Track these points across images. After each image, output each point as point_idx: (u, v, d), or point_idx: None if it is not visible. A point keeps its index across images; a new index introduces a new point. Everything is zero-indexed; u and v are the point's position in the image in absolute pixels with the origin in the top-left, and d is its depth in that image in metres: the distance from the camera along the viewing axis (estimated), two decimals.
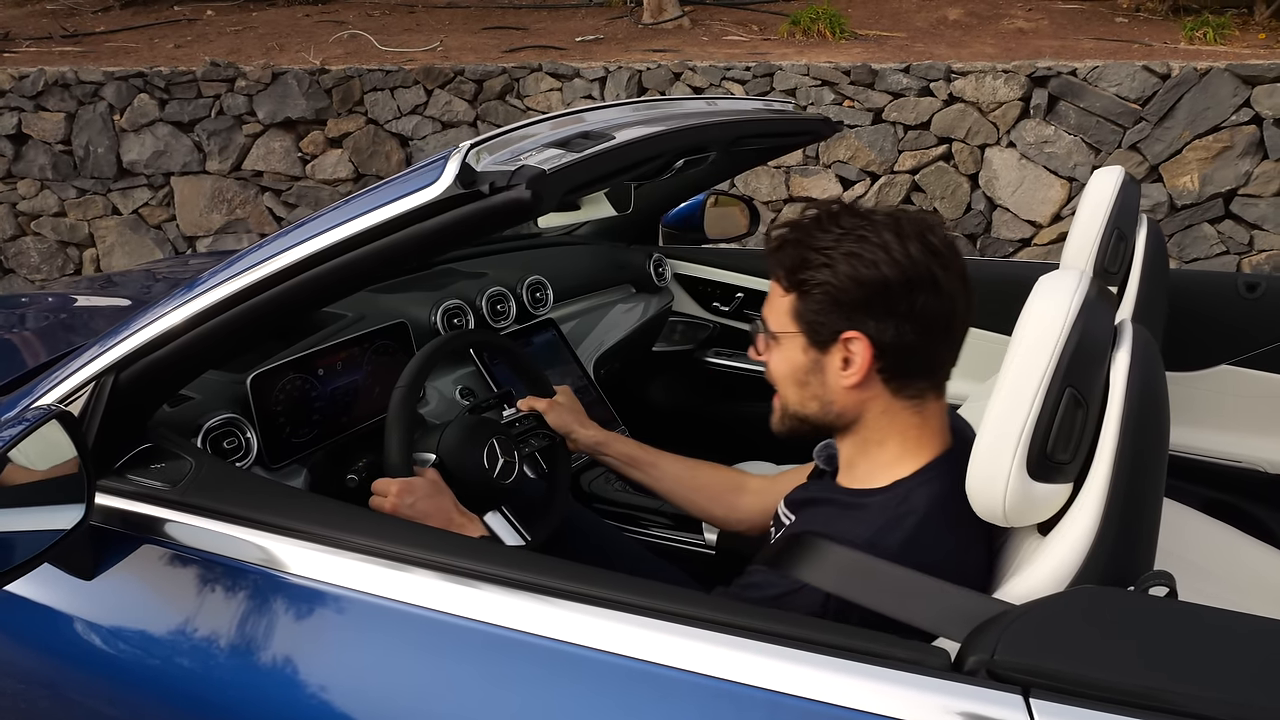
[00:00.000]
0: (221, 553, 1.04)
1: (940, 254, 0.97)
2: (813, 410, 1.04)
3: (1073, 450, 0.88)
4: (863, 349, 0.97)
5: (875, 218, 0.99)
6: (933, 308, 0.96)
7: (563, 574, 0.90)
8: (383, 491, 1.21)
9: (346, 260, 0.99)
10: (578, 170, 1.07)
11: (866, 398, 1.01)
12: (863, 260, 0.95)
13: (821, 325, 0.99)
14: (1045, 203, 4.29)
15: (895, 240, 0.96)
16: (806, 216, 1.02)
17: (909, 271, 0.95)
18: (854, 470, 1.06)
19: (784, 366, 1.05)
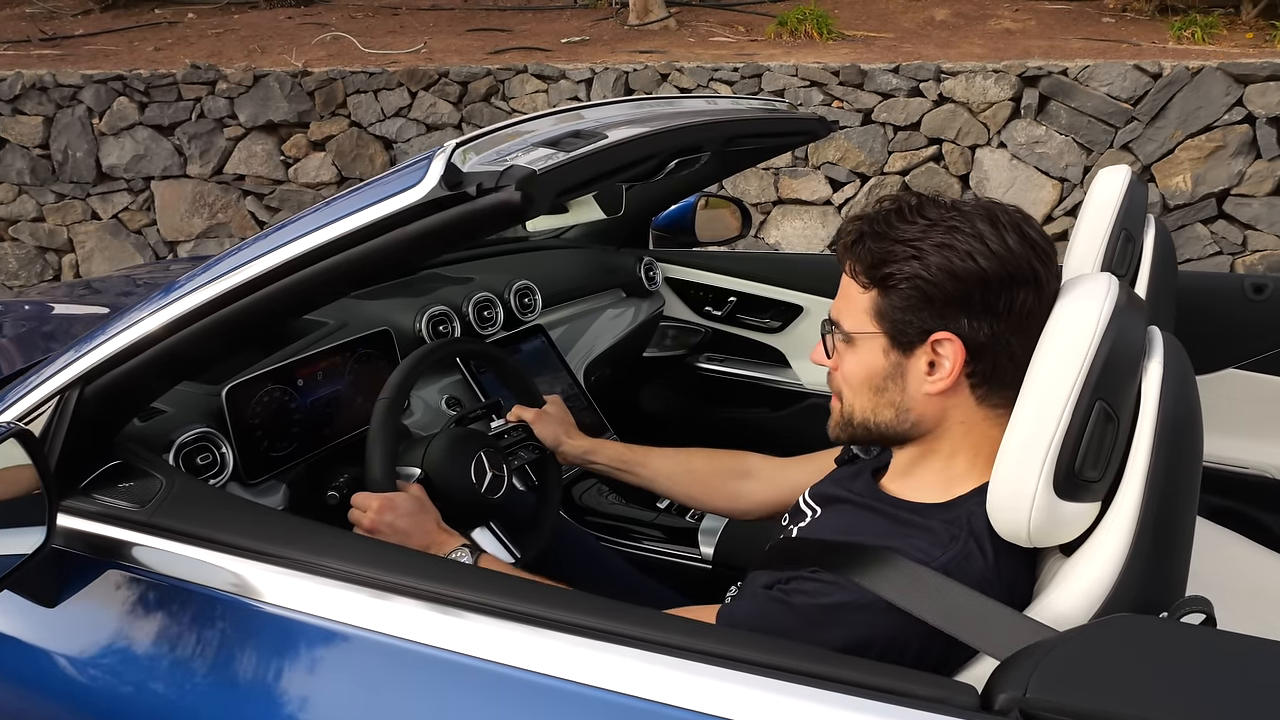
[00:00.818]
0: (192, 579, 0.97)
1: (1040, 247, 0.89)
2: (886, 418, 0.94)
3: (1103, 467, 0.83)
4: (954, 351, 0.88)
5: (964, 208, 0.91)
6: (1033, 305, 0.87)
7: (559, 603, 0.84)
8: (362, 507, 1.15)
9: (326, 266, 0.93)
10: (569, 171, 1.01)
11: (949, 406, 0.92)
12: (956, 251, 0.86)
13: (909, 324, 0.90)
14: (1037, 203, 4.26)
15: (991, 230, 0.87)
16: (883, 208, 0.93)
17: (1009, 265, 0.86)
18: (909, 479, 0.96)
19: (859, 370, 0.94)
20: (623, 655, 0.79)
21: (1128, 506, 0.82)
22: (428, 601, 0.87)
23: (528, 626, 0.82)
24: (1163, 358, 0.87)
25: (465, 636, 0.84)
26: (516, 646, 0.82)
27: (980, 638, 0.77)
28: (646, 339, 2.33)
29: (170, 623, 0.97)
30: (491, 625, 0.84)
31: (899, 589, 0.82)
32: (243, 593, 0.94)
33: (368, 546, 1.03)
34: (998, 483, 0.85)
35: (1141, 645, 0.69)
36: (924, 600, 0.81)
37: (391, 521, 1.13)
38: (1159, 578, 0.83)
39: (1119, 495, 0.84)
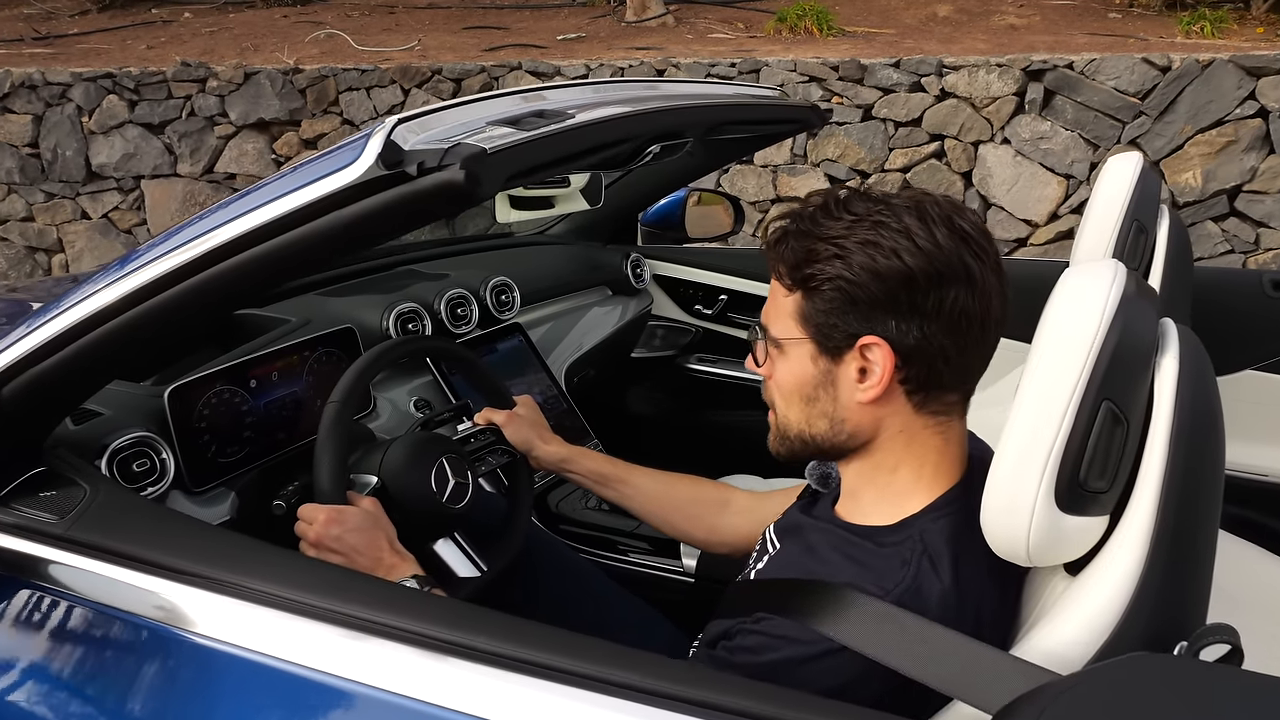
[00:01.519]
0: (113, 602, 0.88)
1: (972, 240, 0.81)
2: (820, 430, 0.87)
3: (1110, 476, 0.74)
4: (883, 356, 0.81)
5: (894, 201, 0.83)
6: (966, 304, 0.80)
7: (507, 635, 0.75)
8: (308, 519, 1.06)
9: (251, 256, 0.84)
10: (525, 151, 0.92)
11: (884, 415, 0.85)
12: (881, 249, 0.80)
13: (834, 329, 0.83)
14: (1041, 201, 4.16)
15: (919, 225, 0.80)
16: (811, 204, 0.86)
17: (936, 261, 0.79)
18: (858, 500, 0.90)
19: (789, 379, 0.88)
20: (573, 696, 0.70)
21: (1140, 520, 0.73)
22: (380, 637, 0.77)
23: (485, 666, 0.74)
24: (1178, 353, 0.78)
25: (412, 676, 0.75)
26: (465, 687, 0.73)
27: (962, 686, 0.69)
28: (634, 339, 2.24)
29: (87, 652, 0.88)
30: (440, 663, 0.75)
31: (858, 631, 0.75)
32: (170, 620, 0.85)
33: (312, 570, 0.93)
34: (992, 495, 0.76)
35: (1157, 692, 0.60)
36: (889, 642, 0.73)
37: (339, 536, 1.04)
38: (1176, 601, 0.74)
39: (1130, 507, 0.75)
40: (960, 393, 0.86)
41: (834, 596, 0.78)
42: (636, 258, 2.19)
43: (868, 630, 0.75)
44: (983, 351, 0.85)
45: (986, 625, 0.83)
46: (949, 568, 0.80)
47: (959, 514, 0.84)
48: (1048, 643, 0.74)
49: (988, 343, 0.84)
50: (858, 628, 0.75)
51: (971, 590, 0.81)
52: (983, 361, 0.86)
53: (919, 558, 0.80)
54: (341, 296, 1.67)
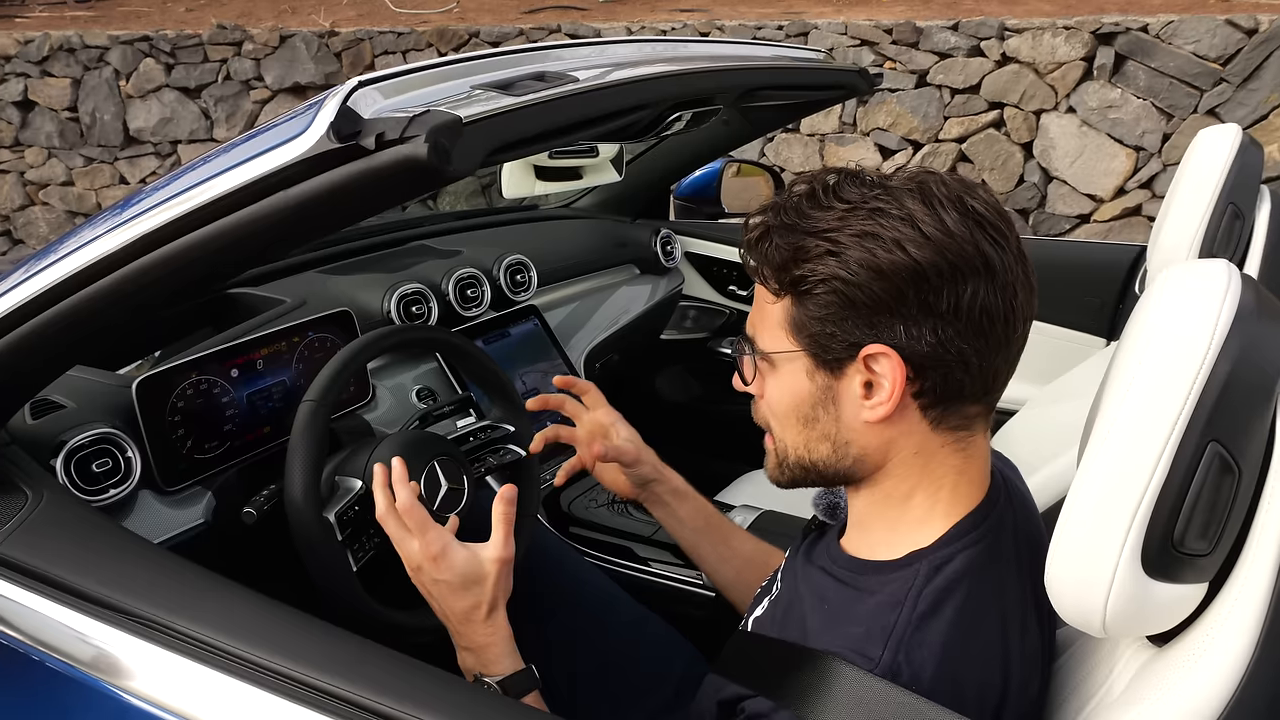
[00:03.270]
0: (39, 642, 0.78)
1: (989, 224, 0.68)
2: (822, 455, 0.75)
3: (1214, 536, 0.59)
4: (892, 367, 0.69)
5: (891, 183, 0.70)
6: (987, 300, 0.67)
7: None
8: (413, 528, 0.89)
9: (181, 247, 0.72)
10: (512, 121, 0.78)
11: (896, 434, 0.72)
12: (881, 241, 0.67)
13: (831, 338, 0.70)
14: (1108, 174, 3.91)
15: (924, 210, 0.67)
16: (795, 192, 0.72)
17: (948, 251, 0.66)
18: (866, 532, 0.77)
19: (783, 398, 0.75)
20: None
21: (1255, 590, 0.59)
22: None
23: None
24: None
25: None
26: None
27: None
28: (663, 320, 2.11)
29: (6, 707, 0.78)
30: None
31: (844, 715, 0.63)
32: (102, 673, 0.74)
33: (283, 622, 0.75)
34: (1058, 555, 0.62)
35: None
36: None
37: (434, 580, 0.88)
38: None
39: (1239, 573, 0.61)
40: (984, 404, 0.72)
41: (818, 670, 0.66)
42: (666, 234, 2.05)
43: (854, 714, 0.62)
44: (1009, 354, 0.71)
45: (1014, 680, 0.70)
46: (954, 614, 0.68)
47: (980, 542, 0.71)
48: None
49: (1014, 343, 0.70)
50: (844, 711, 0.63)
51: (991, 643, 0.69)
52: (1009, 365, 0.72)
53: (915, 597, 0.68)
54: (344, 275, 1.56)
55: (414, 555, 0.89)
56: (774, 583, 0.87)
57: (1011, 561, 0.73)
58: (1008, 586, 0.72)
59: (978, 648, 0.68)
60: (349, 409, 1.34)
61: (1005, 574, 0.72)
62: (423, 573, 0.89)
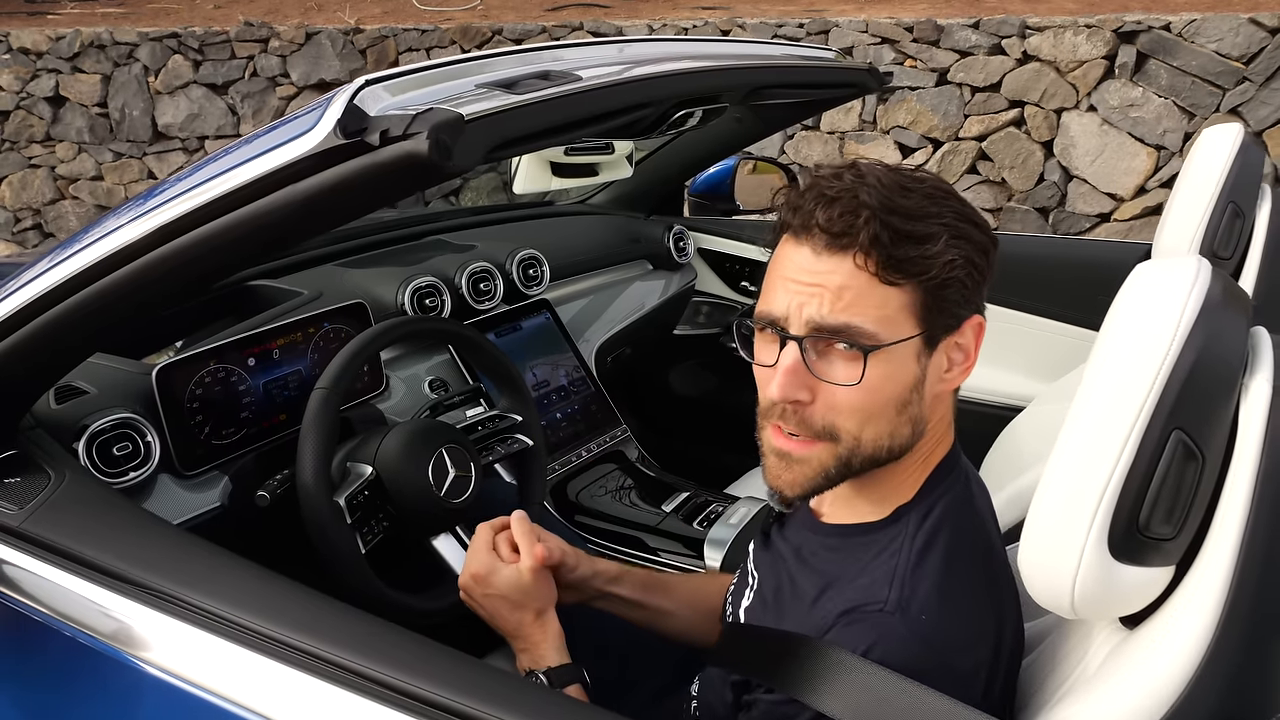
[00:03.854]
0: (62, 613, 0.82)
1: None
2: (902, 440, 0.74)
3: (1179, 521, 0.61)
4: (975, 334, 0.76)
5: (917, 173, 0.77)
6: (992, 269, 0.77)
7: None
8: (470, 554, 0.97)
9: (195, 239, 0.76)
10: (513, 119, 0.81)
11: (946, 398, 0.79)
12: (970, 224, 0.74)
13: (956, 317, 0.74)
14: (1129, 173, 3.88)
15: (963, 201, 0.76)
16: (854, 181, 0.72)
17: (988, 230, 0.77)
18: (850, 502, 0.80)
19: (886, 388, 0.72)
20: None
21: (1216, 573, 0.61)
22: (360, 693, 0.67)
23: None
24: (1273, 373, 0.64)
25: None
26: None
27: None
28: (675, 316, 2.13)
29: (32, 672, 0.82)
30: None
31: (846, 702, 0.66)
32: (122, 644, 0.78)
33: (288, 597, 0.78)
34: (1031, 537, 0.64)
35: None
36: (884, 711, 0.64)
37: (484, 595, 0.95)
38: (1257, 674, 0.61)
39: (1203, 557, 0.63)
40: None
41: (816, 658, 0.69)
42: (679, 230, 2.07)
43: (856, 699, 0.65)
44: None
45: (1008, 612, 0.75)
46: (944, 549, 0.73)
47: (951, 489, 0.77)
48: (1094, 711, 0.62)
49: None
50: (845, 698, 0.66)
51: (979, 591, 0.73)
52: None
53: (910, 543, 0.73)
54: (359, 268, 1.59)
55: (464, 582, 0.97)
56: (748, 575, 0.89)
57: (982, 498, 0.80)
58: (985, 520, 0.77)
59: (969, 576, 0.72)
60: (363, 398, 1.37)
61: (979, 510, 0.78)
62: (476, 593, 0.95)
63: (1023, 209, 4.07)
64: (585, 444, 1.61)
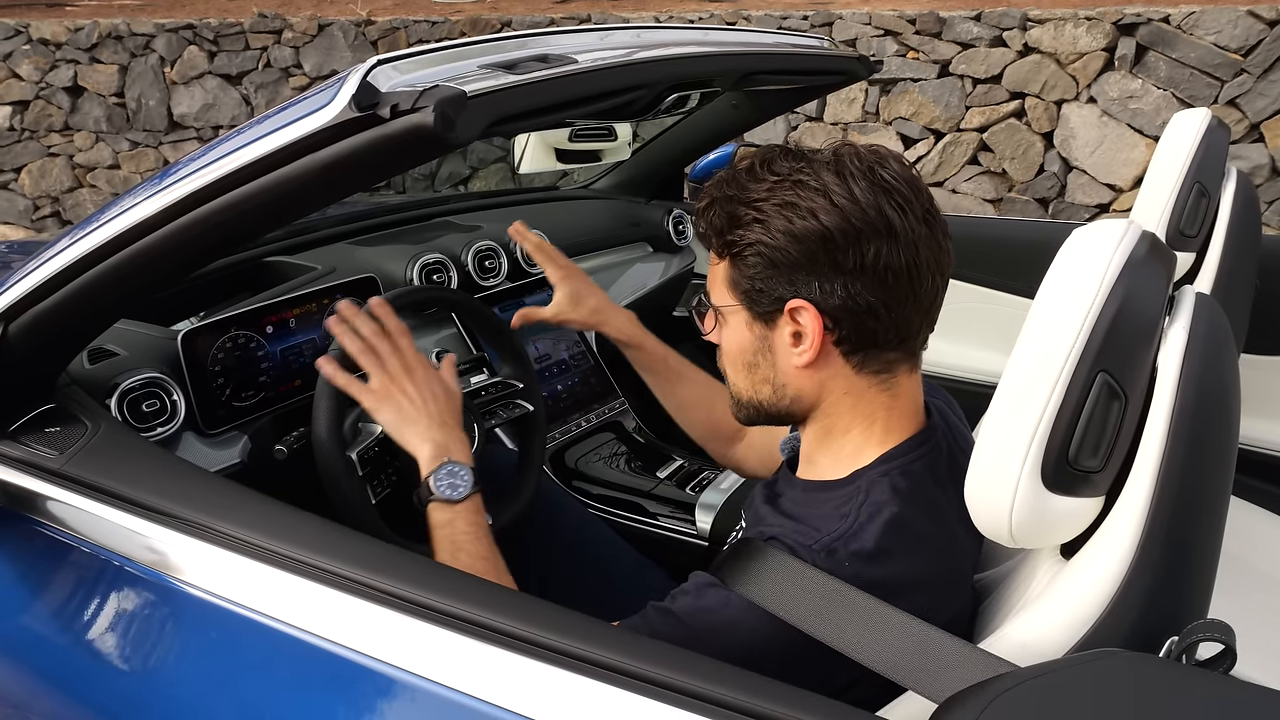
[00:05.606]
0: (104, 543, 0.90)
1: (894, 191, 0.78)
2: (765, 396, 0.87)
3: (1105, 455, 0.68)
4: (811, 319, 0.80)
5: (817, 157, 0.82)
6: (890, 259, 0.78)
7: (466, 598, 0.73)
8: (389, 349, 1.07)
9: (221, 205, 0.83)
10: (512, 96, 0.88)
11: (824, 378, 0.84)
12: (798, 210, 0.78)
13: (761, 294, 0.82)
14: (1128, 164, 3.93)
15: (836, 181, 0.78)
16: (738, 167, 0.85)
17: (853, 217, 0.77)
18: (813, 464, 0.89)
19: (731, 347, 0.88)
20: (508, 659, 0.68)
21: (1135, 503, 0.68)
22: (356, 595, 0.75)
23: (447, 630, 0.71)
24: (1189, 323, 0.71)
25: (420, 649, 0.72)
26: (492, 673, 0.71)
27: (900, 668, 0.65)
28: (674, 298, 2.20)
29: (79, 593, 0.90)
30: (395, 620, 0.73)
31: (775, 591, 0.73)
32: (160, 566, 0.86)
33: (297, 522, 0.86)
34: (974, 472, 0.71)
35: (1116, 696, 0.55)
36: (809, 606, 0.71)
37: (424, 379, 1.06)
38: (1172, 593, 0.68)
39: (1126, 489, 0.69)
40: (902, 350, 0.83)
41: (757, 552, 0.77)
42: (679, 214, 2.14)
43: (784, 590, 0.73)
44: (919, 304, 0.81)
45: (942, 592, 0.80)
46: (894, 522, 0.77)
47: (914, 465, 0.82)
48: (1024, 632, 0.69)
49: (922, 296, 0.81)
50: (775, 587, 0.73)
51: (918, 549, 0.78)
52: (922, 315, 0.82)
53: (858, 508, 0.78)
54: (371, 246, 1.67)
55: (389, 371, 1.06)
56: (740, 520, 0.97)
57: (945, 483, 0.83)
58: (937, 503, 0.82)
59: (906, 549, 0.77)
60: None
61: (935, 492, 0.82)
62: (412, 374, 1.05)
63: (1023, 199, 4.13)
64: (584, 414, 1.69)
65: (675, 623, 0.81)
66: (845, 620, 0.71)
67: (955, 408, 0.98)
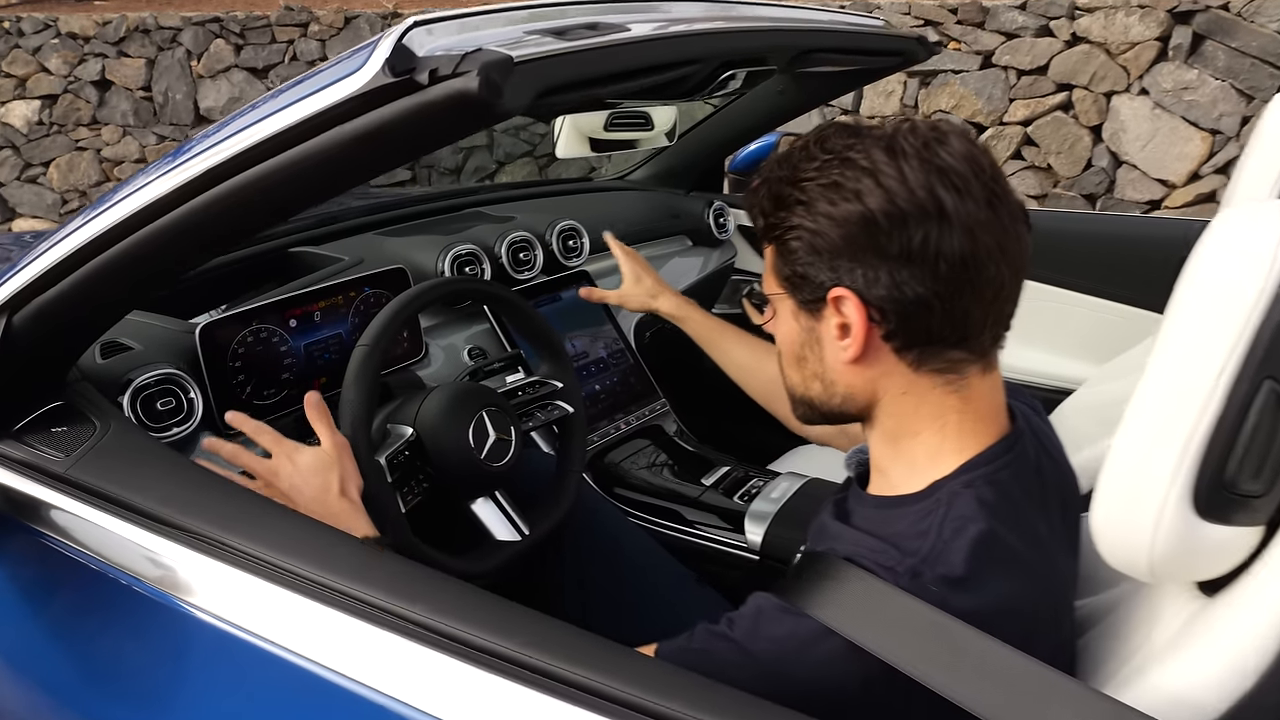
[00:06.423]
0: (108, 557, 0.82)
1: (950, 171, 0.69)
2: (816, 392, 0.80)
3: (1270, 477, 0.57)
4: (855, 309, 0.73)
5: (871, 133, 0.73)
6: (942, 246, 0.69)
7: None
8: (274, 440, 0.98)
9: (235, 185, 0.74)
10: (562, 64, 0.79)
11: (876, 375, 0.76)
12: (842, 191, 0.71)
13: (804, 282, 0.75)
14: (1181, 159, 3.78)
15: (886, 160, 0.70)
16: (794, 146, 0.77)
17: (899, 199, 0.69)
18: (885, 475, 0.79)
19: (781, 339, 0.83)
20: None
21: None
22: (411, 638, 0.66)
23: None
24: None
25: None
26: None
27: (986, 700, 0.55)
28: (715, 293, 2.10)
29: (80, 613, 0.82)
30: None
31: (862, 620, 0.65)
32: (168, 586, 0.77)
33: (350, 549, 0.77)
34: (1105, 495, 0.61)
35: None
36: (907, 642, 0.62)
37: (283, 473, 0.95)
38: None
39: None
40: (965, 346, 0.73)
41: (832, 572, 0.68)
42: (720, 206, 2.04)
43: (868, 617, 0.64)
44: (978, 297, 0.71)
45: (1039, 623, 0.70)
46: (977, 539, 0.67)
47: (999, 474, 0.72)
48: (1172, 683, 0.59)
49: (983, 287, 0.71)
50: (856, 613, 0.65)
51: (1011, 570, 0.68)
52: (984, 307, 0.72)
53: (939, 525, 0.69)
54: (400, 236, 1.59)
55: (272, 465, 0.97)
56: (800, 538, 0.87)
57: (1035, 496, 0.74)
58: (1029, 518, 0.72)
59: (997, 571, 0.67)
60: (403, 364, 1.37)
61: (1028, 506, 0.73)
62: (279, 476, 0.96)
63: (1069, 196, 3.98)
64: (624, 416, 1.60)
65: (733, 649, 0.71)
66: (949, 657, 0.61)
67: (1040, 410, 0.88)
